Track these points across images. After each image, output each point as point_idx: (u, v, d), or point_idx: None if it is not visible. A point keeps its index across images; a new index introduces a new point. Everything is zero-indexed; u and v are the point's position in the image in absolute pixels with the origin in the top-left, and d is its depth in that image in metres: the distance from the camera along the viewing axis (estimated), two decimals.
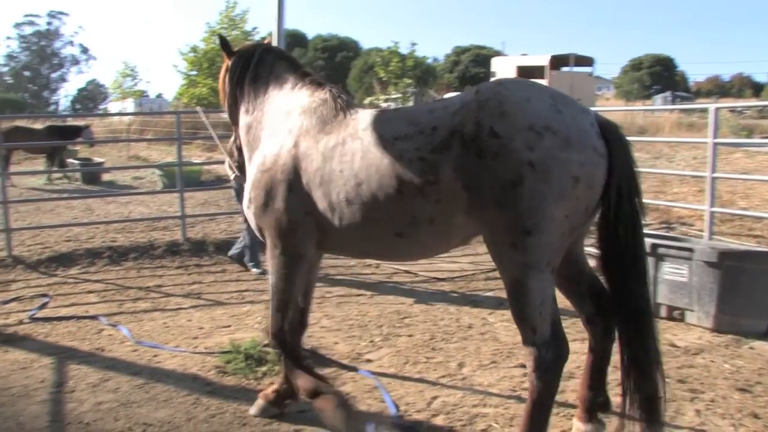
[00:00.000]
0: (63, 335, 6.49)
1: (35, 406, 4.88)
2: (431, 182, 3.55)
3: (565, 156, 3.28)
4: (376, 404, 4.82)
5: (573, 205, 3.35)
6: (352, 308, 7.22)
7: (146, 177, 19.71)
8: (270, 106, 4.58)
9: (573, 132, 3.33)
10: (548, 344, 3.48)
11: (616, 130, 3.50)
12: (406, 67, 32.58)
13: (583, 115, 3.45)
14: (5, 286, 8.48)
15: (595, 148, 3.37)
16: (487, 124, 3.40)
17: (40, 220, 12.96)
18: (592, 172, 3.35)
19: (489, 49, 64.91)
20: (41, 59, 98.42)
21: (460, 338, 6.24)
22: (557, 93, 3.58)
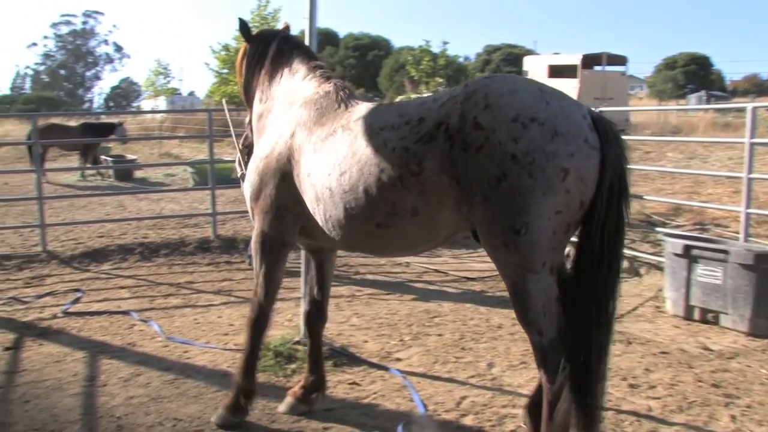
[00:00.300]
0: (95, 330, 6.56)
1: (68, 399, 4.94)
2: (414, 173, 3.46)
3: (552, 148, 3.13)
4: (405, 403, 4.80)
5: (565, 199, 3.18)
6: (382, 307, 7.21)
7: (178, 174, 19.86)
8: (279, 96, 4.62)
9: (561, 122, 3.18)
10: (556, 345, 3.34)
11: (610, 125, 3.34)
12: (437, 66, 32.42)
13: (574, 106, 3.31)
14: (40, 280, 8.60)
15: (587, 139, 3.20)
16: (472, 115, 3.29)
17: (73, 216, 13.12)
18: (583, 164, 3.18)
19: (521, 48, 64.45)
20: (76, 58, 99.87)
21: (490, 338, 6.20)
22: (548, 87, 3.45)
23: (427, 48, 33.20)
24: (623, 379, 5.19)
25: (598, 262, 3.33)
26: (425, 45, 33.45)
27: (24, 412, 4.74)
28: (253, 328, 4.47)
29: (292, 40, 4.93)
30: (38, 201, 10.01)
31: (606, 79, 26.56)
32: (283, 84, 4.65)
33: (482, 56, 67.79)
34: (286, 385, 5.08)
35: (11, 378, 5.37)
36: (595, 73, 27.21)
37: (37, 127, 11.34)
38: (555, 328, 3.32)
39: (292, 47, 4.83)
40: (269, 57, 4.82)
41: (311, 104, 4.28)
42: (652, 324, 6.66)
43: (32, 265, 9.23)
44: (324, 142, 3.95)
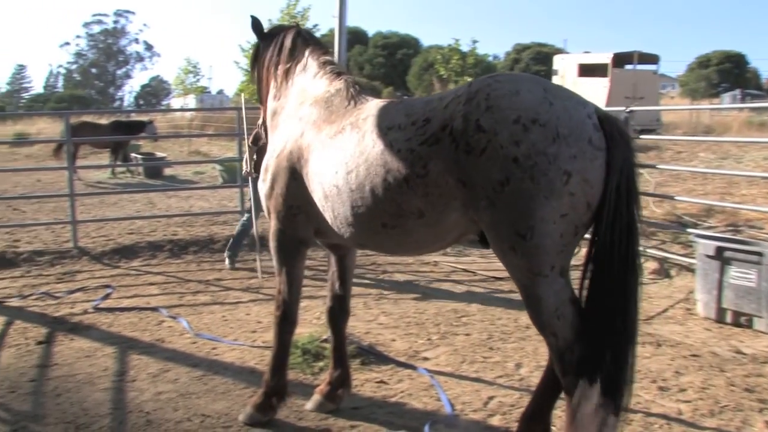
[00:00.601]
0: (125, 325, 6.62)
1: (99, 394, 4.99)
2: (419, 175, 3.42)
3: (553, 150, 3.06)
4: (432, 403, 4.79)
5: (569, 202, 3.10)
6: (410, 306, 7.20)
7: (207, 172, 20.01)
8: (291, 94, 4.61)
9: (563, 123, 3.10)
10: (573, 347, 3.27)
11: (617, 124, 3.25)
12: (466, 65, 32.32)
13: (578, 106, 3.21)
14: (71, 276, 8.70)
15: (591, 139, 3.12)
16: (474, 117, 3.23)
17: (104, 213, 13.27)
18: (586, 165, 3.10)
19: (550, 47, 64.01)
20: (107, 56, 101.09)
21: (518, 338, 6.16)
22: (553, 85, 3.38)
23: (456, 47, 33.11)
24: (653, 381, 5.13)
25: (611, 263, 3.25)
26: (454, 44, 33.38)
27: (56, 405, 4.80)
28: (279, 326, 4.47)
29: (303, 34, 4.89)
30: (70, 198, 10.13)
31: (637, 78, 26.23)
32: (296, 81, 4.65)
33: (511, 55, 67.49)
34: (313, 382, 5.08)
35: (44, 371, 5.44)
36: (626, 72, 26.87)
37: (69, 125, 11.46)
38: (570, 329, 3.25)
39: (304, 42, 4.80)
40: (281, 54, 4.81)
41: (321, 102, 4.27)
42: (682, 326, 6.57)
43: (64, 261, 9.35)
44: (332, 140, 3.93)
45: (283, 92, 4.70)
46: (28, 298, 7.66)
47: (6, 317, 6.89)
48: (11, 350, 5.94)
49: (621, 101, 22.71)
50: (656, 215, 10.75)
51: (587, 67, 27.66)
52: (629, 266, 3.26)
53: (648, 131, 22.27)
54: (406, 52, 66.36)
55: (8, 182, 19.22)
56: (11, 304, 7.41)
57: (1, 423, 4.54)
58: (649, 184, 12.49)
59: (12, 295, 7.80)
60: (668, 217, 10.68)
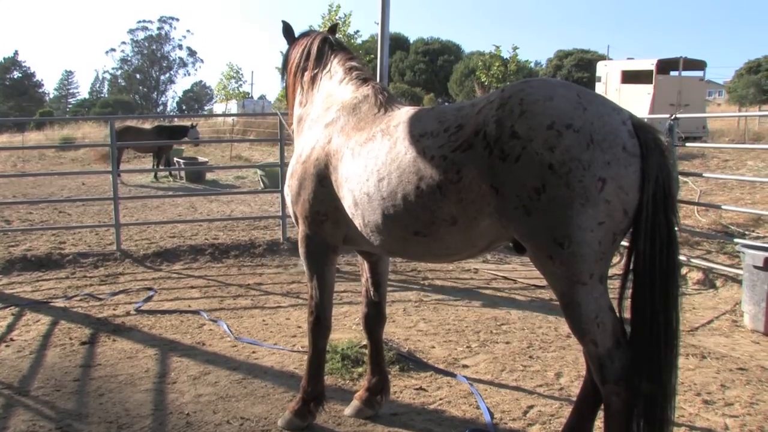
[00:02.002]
0: (166, 328, 6.69)
1: (140, 395, 5.04)
2: (453, 181, 3.38)
3: (588, 156, 3.00)
4: (471, 411, 4.74)
5: (606, 209, 3.04)
6: (450, 313, 7.15)
7: (248, 177, 20.19)
8: (317, 100, 4.61)
9: (597, 129, 3.05)
10: (613, 354, 3.21)
11: (652, 132, 3.18)
12: (508, 72, 32.19)
13: (613, 112, 3.15)
14: (114, 278, 8.82)
15: (625, 146, 3.05)
16: (508, 123, 3.18)
17: (146, 217, 13.46)
18: (620, 172, 3.03)
19: (593, 53, 63.40)
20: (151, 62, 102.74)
21: (558, 347, 6.08)
22: (587, 91, 3.29)
23: (497, 53, 33.01)
24: (697, 394, 5.01)
25: (652, 273, 3.19)
26: (496, 50, 33.26)
27: (99, 404, 4.86)
28: (313, 331, 4.48)
29: (330, 40, 4.89)
30: (114, 201, 10.27)
31: (682, 84, 25.81)
32: (322, 87, 4.65)
33: (553, 61, 67.00)
34: (352, 388, 5.07)
35: (87, 371, 5.51)
36: (670, 78, 26.46)
37: (114, 130, 11.65)
38: (611, 337, 3.20)
39: (331, 48, 4.80)
40: (308, 60, 4.82)
41: (349, 108, 4.25)
42: (728, 338, 6.43)
43: (107, 264, 9.48)
44: (363, 147, 3.90)
45: (309, 98, 4.71)
46: (72, 299, 7.78)
47: (51, 317, 7.01)
48: (56, 350, 6.04)
49: (665, 108, 22.38)
50: (701, 224, 10.55)
51: (631, 74, 27.29)
52: (670, 276, 3.21)
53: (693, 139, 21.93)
54: (448, 59, 66.32)
55: (55, 185, 19.63)
56: (57, 305, 7.53)
57: (47, 420, 4.60)
58: (694, 193, 12.30)
59: (57, 295, 7.94)
60: (714, 227, 10.48)
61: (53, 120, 51.44)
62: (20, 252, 9.83)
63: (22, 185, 19.77)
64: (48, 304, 7.59)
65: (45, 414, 4.71)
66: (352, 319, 6.84)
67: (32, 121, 46.55)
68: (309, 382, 4.49)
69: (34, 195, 17.71)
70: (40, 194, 17.89)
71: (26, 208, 14.47)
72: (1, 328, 6.69)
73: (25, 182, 20.27)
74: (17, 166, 26.46)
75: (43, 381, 5.32)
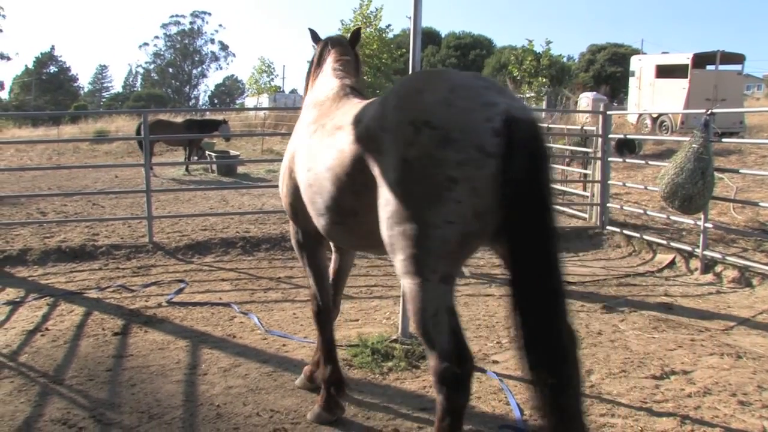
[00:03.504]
0: (197, 320, 6.74)
1: (171, 386, 5.08)
2: (349, 174, 3.42)
3: (440, 155, 2.90)
4: (501, 406, 4.71)
5: (456, 209, 2.92)
6: (480, 308, 7.12)
7: (279, 170, 20.24)
8: (308, 99, 4.80)
9: (456, 127, 2.91)
10: (447, 356, 3.08)
11: (528, 131, 2.94)
12: (540, 66, 31.92)
13: (481, 108, 2.95)
14: (146, 270, 8.91)
15: (482, 147, 2.87)
16: (382, 116, 3.20)
17: (178, 209, 13.56)
18: (473, 173, 2.88)
19: (627, 47, 62.66)
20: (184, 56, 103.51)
21: (589, 344, 6.02)
22: (466, 84, 3.12)
23: (530, 47, 32.71)
24: (732, 394, 4.93)
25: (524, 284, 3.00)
26: (528, 44, 32.98)
27: (131, 395, 4.91)
28: (317, 320, 4.70)
29: (330, 41, 5.02)
30: (146, 194, 10.36)
31: (719, 78, 25.35)
32: (316, 85, 4.84)
33: (586, 56, 66.32)
34: (382, 382, 5.08)
35: (119, 362, 5.57)
36: (707, 72, 25.99)
37: (147, 123, 11.75)
38: (447, 339, 3.09)
39: (331, 47, 4.95)
40: (314, 64, 5.02)
41: (318, 104, 4.43)
42: (765, 338, 6.31)
43: (139, 255, 9.58)
44: (308, 140, 4.04)
45: (306, 100, 4.88)
46: (105, 290, 7.88)
47: (85, 308, 7.11)
48: (90, 340, 6.12)
49: (701, 103, 22.04)
50: (737, 222, 10.39)
51: (665, 68, 26.88)
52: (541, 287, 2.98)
53: (730, 134, 21.58)
54: (479, 53, 66.05)
55: (88, 178, 19.87)
56: (90, 296, 7.63)
57: (81, 409, 4.66)
58: (730, 190, 12.12)
59: (91, 286, 8.04)
60: (751, 224, 10.32)
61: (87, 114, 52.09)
62: (55, 243, 9.96)
63: (57, 177, 20.05)
64: (82, 294, 7.69)
65: (79, 402, 4.78)
66: (382, 314, 6.84)
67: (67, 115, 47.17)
68: (325, 368, 4.58)
69: (69, 187, 17.94)
70: (75, 186, 18.12)
71: (61, 200, 14.67)
72: (37, 317, 6.80)
73: (60, 174, 20.55)
74: (52, 158, 26.81)
75: (77, 370, 5.40)
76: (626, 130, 24.94)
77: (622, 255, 9.98)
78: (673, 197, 8.20)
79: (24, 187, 18.13)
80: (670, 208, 8.84)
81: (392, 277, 8.35)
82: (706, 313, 7.03)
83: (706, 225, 8.68)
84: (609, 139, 11.33)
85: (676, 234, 10.33)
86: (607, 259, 9.74)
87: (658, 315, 6.90)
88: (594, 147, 11.96)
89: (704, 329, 6.48)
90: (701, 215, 8.66)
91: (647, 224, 11.18)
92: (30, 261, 9.21)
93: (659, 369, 5.39)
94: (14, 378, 5.24)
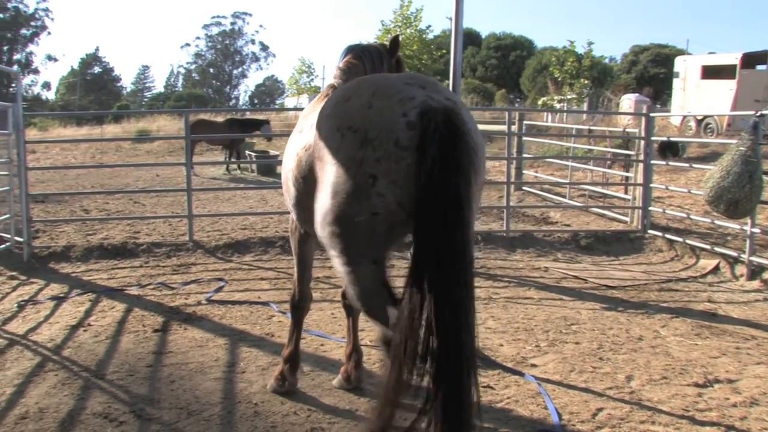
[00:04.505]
0: (236, 318, 6.78)
1: (209, 383, 5.12)
2: (303, 177, 3.72)
3: (360, 155, 3.13)
4: (539, 411, 4.66)
5: (380, 202, 3.14)
6: (519, 311, 7.06)
7: None
8: None
9: (373, 127, 3.13)
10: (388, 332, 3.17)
11: (439, 121, 3.00)
12: (582, 67, 31.58)
13: (396, 105, 3.14)
14: (186, 268, 9.00)
15: (397, 141, 3.07)
16: (317, 125, 3.47)
17: (218, 208, 13.69)
18: (391, 167, 3.08)
19: (671, 48, 61.61)
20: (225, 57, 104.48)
21: (630, 350, 5.93)
22: (384, 84, 3.33)
23: (571, 48, 32.39)
24: None
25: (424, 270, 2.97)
26: (569, 45, 32.66)
27: (170, 391, 4.95)
28: (291, 304, 5.00)
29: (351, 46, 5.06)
30: (187, 193, 10.46)
31: None
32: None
33: (628, 57, 65.42)
34: None
35: (159, 358, 5.63)
36: (756, 73, 25.41)
37: (189, 123, 11.87)
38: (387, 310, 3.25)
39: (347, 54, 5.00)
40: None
41: (313, 106, 4.55)
42: None
43: (180, 254, 9.67)
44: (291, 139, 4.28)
45: None
46: (146, 287, 7.97)
47: (126, 304, 7.20)
48: (130, 336, 6.19)
49: (749, 105, 21.60)
50: None
51: (712, 69, 26.39)
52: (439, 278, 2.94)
53: None
54: (520, 54, 65.61)
55: (130, 177, 20.16)
56: (131, 293, 7.73)
57: (121, 404, 4.72)
58: None
59: (132, 283, 8.14)
60: None
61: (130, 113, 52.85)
62: (97, 240, 10.12)
63: (100, 176, 20.38)
64: (123, 291, 7.79)
65: (119, 397, 4.84)
66: None
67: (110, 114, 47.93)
68: (286, 347, 5.01)
69: (111, 185, 18.23)
70: (117, 185, 18.40)
71: (103, 198, 14.91)
72: (80, 313, 6.90)
73: (103, 173, 20.88)
74: (95, 157, 27.26)
75: (118, 366, 5.47)
76: (669, 133, 24.53)
77: (664, 259, 9.82)
78: (719, 201, 8.04)
79: (68, 185, 18.45)
80: (715, 213, 8.67)
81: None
82: (752, 321, 6.87)
83: (753, 230, 8.50)
84: (652, 141, 11.16)
85: (720, 239, 10.14)
86: (648, 264, 9.59)
87: (701, 321, 6.77)
88: (636, 149, 11.80)
89: (750, 337, 6.34)
90: (748, 220, 8.49)
91: (690, 228, 11.00)
92: (73, 257, 9.36)
93: (702, 377, 5.29)
94: (58, 371, 5.33)
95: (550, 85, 34.13)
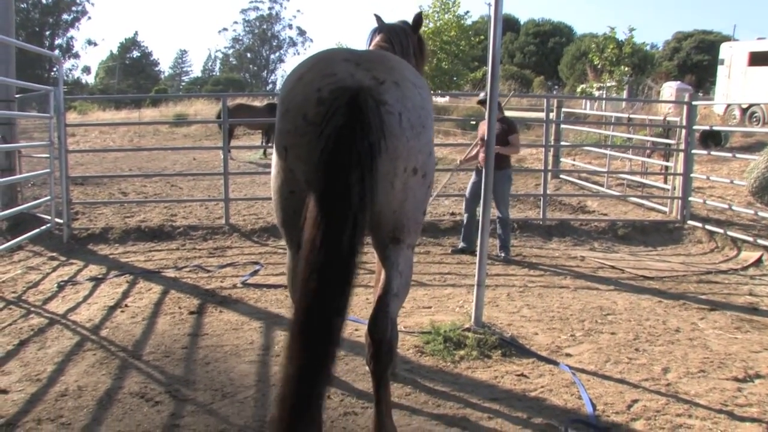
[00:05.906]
0: (271, 302, 6.81)
1: (244, 365, 5.15)
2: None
3: (280, 126, 3.26)
4: (573, 400, 4.61)
5: (290, 178, 3.26)
6: (554, 300, 7.00)
7: None
8: None
9: (291, 99, 3.22)
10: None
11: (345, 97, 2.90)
12: (622, 54, 30.99)
13: (318, 80, 3.12)
14: (222, 251, 9.06)
15: (306, 115, 3.07)
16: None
17: (254, 192, 13.75)
18: (297, 141, 3.13)
19: (716, 34, 60.00)
20: (262, 42, 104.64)
21: (666, 341, 5.84)
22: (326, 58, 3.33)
23: (612, 35, 31.83)
24: None
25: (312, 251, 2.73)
26: (610, 32, 32.10)
27: (205, 372, 4.99)
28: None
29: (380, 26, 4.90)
30: (224, 176, 10.53)
31: None
32: None
33: (671, 44, 64.09)
34: (453, 370, 5.04)
35: (195, 340, 5.68)
36: None
37: (227, 107, 11.93)
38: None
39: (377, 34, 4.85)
40: None
41: None
42: None
43: (216, 237, 9.76)
44: None
45: None
46: (182, 269, 8.05)
47: (162, 286, 7.28)
48: (167, 318, 6.26)
49: None
50: None
51: (760, 56, 25.64)
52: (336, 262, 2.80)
53: None
54: (559, 41, 64.80)
55: (168, 160, 20.36)
56: (167, 275, 7.81)
57: (157, 384, 4.77)
58: None
59: (168, 266, 8.23)
60: None
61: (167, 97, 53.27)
62: (135, 223, 10.24)
63: (137, 159, 20.60)
64: (159, 273, 7.88)
65: (155, 378, 4.89)
66: (455, 302, 6.79)
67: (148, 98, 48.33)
68: None
69: (149, 168, 18.42)
70: (154, 168, 18.60)
71: (141, 181, 15.08)
72: (117, 294, 7.00)
73: (141, 156, 21.10)
74: (133, 140, 27.56)
75: (154, 346, 5.53)
76: (712, 122, 24.02)
77: (704, 251, 9.66)
78: (763, 192, 7.89)
79: (106, 167, 18.70)
80: (759, 204, 8.50)
81: (466, 265, 8.28)
82: None
83: None
84: (693, 130, 10.96)
85: (764, 231, 9.93)
86: (687, 255, 9.44)
87: (741, 315, 6.65)
88: (677, 138, 11.61)
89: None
90: None
91: (732, 220, 10.79)
92: (111, 239, 9.49)
93: (742, 371, 5.18)
94: (96, 351, 5.41)
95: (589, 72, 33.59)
